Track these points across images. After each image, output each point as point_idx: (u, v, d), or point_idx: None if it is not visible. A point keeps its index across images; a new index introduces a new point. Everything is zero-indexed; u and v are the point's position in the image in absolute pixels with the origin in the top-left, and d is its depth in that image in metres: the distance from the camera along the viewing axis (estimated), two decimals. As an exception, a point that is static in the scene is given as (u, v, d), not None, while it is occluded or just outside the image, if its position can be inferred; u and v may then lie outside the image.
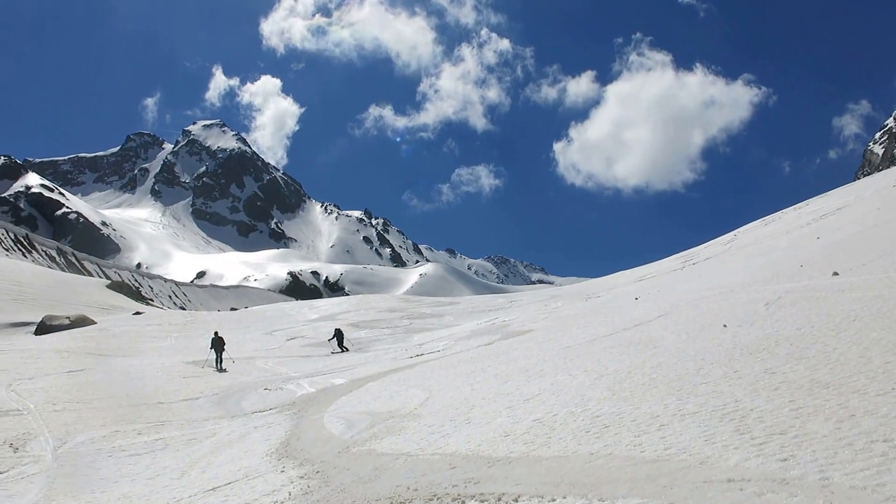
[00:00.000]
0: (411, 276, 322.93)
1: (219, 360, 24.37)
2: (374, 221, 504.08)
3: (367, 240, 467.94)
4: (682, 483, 5.07)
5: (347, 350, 28.55)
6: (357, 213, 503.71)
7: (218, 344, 24.80)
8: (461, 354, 18.82)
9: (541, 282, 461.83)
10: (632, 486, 5.28)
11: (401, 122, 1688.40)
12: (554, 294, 44.70)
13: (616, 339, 13.38)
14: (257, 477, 9.31)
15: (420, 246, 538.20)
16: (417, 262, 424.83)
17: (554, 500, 5.47)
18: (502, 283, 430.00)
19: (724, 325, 11.50)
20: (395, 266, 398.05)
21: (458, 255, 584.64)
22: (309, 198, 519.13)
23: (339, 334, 29.48)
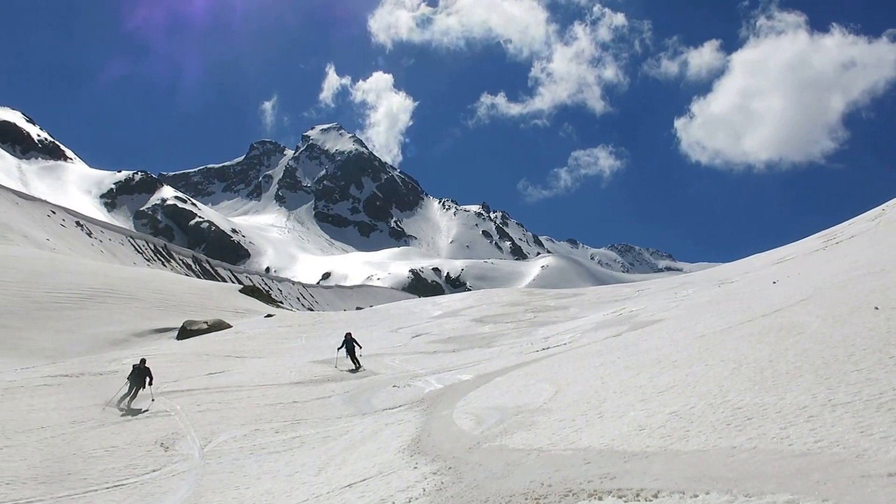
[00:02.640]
0: (533, 268, 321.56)
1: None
2: (492, 215, 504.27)
3: (486, 234, 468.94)
4: (836, 478, 4.76)
5: (360, 367, 23.18)
6: (475, 208, 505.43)
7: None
8: (589, 347, 18.51)
9: (669, 269, 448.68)
10: (780, 482, 5.00)
11: (514, 110, 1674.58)
12: (684, 281, 43.33)
13: (754, 326, 12.77)
14: (391, 473, 9.44)
15: (540, 238, 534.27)
16: (538, 254, 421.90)
17: (696, 496, 5.26)
18: (627, 272, 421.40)
19: (876, 308, 10.72)
20: (516, 259, 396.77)
21: (580, 244, 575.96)
22: (426, 195, 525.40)
23: (349, 343, 23.85)
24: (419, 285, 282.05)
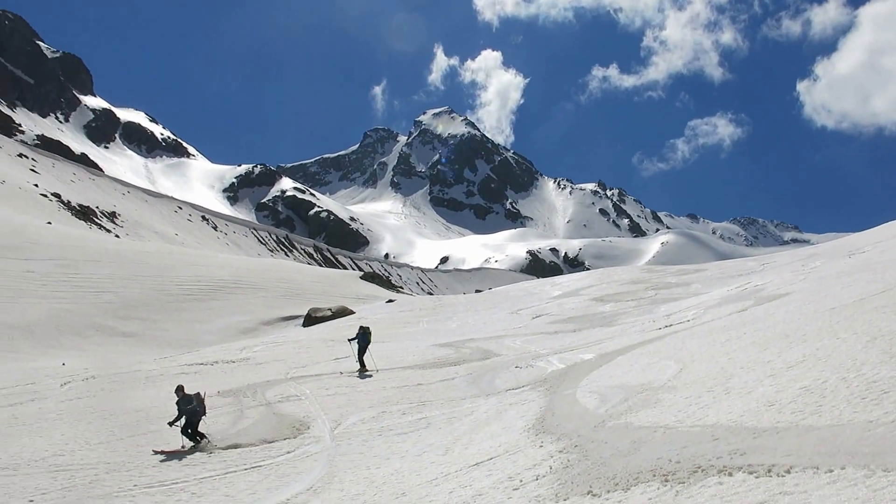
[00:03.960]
0: (652, 245, 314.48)
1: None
2: (608, 193, 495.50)
3: (603, 212, 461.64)
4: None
5: (365, 370, 20.20)
6: (591, 186, 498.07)
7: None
8: (713, 323, 18.06)
9: (795, 241, 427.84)
10: (923, 456, 4.83)
11: (627, 82, 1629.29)
12: (812, 253, 41.32)
13: (889, 298, 12.13)
14: (517, 452, 9.59)
15: (659, 214, 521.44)
16: (657, 230, 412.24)
17: (831, 471, 5.13)
18: (751, 246, 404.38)
19: None
20: (635, 237, 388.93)
21: (701, 219, 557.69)
22: (541, 174, 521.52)
23: (363, 337, 20.92)
24: (537, 266, 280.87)
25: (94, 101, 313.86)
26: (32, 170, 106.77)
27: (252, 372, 22.18)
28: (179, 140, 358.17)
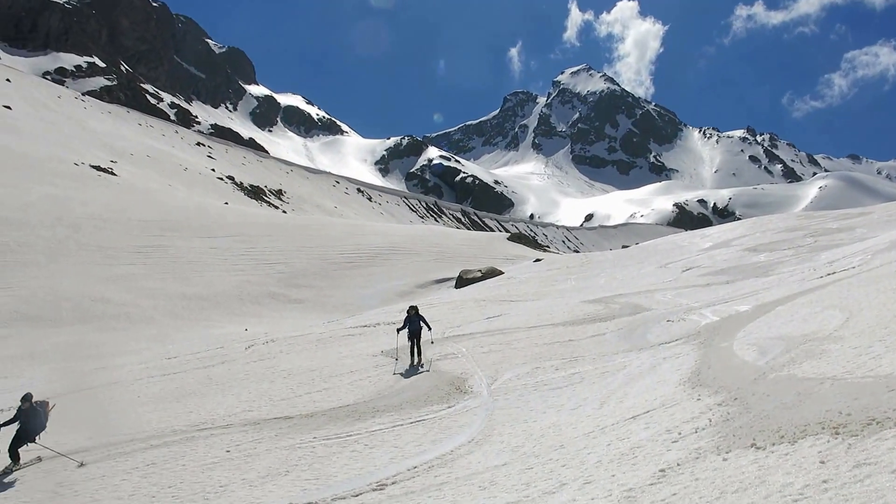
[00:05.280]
0: (809, 190, 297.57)
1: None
2: (759, 138, 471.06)
3: (753, 159, 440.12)
4: None
5: (421, 364, 16.53)
6: (739, 133, 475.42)
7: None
8: (882, 269, 16.92)
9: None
10: None
11: (775, 18, 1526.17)
12: None
13: None
14: (674, 405, 9.51)
15: (815, 156, 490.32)
16: (814, 174, 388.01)
17: None
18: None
19: None
20: (789, 182, 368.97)
21: (864, 159, 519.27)
22: (685, 125, 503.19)
23: (414, 322, 16.85)
24: (684, 219, 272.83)
25: (258, 90, 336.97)
26: (209, 156, 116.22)
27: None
28: (333, 119, 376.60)
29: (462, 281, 42.34)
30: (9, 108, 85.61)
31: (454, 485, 8.23)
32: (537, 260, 52.57)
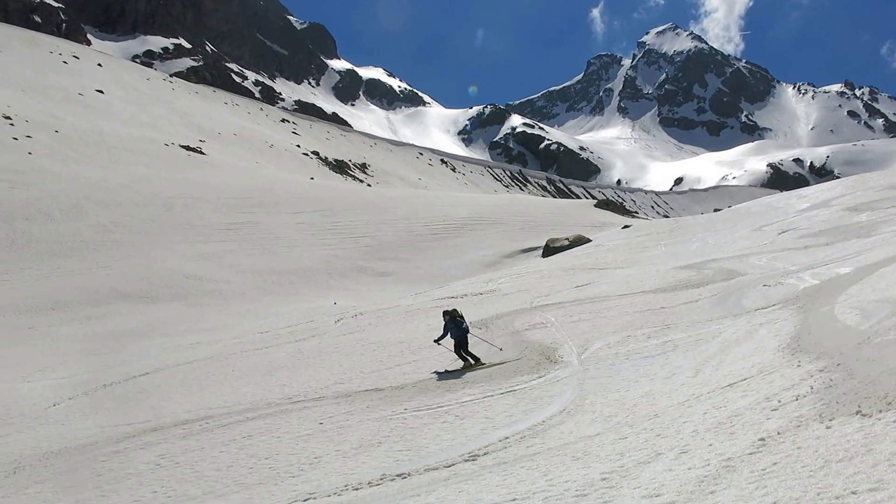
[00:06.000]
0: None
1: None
2: (858, 92, 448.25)
3: (852, 114, 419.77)
4: None
5: (470, 362, 14.21)
6: (836, 87, 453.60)
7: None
8: None
9: None
10: None
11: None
12: None
13: None
14: (773, 372, 9.25)
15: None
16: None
17: None
18: None
19: None
20: (892, 137, 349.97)
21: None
22: (778, 82, 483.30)
23: (456, 327, 14.41)
24: (779, 179, 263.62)
25: (339, 64, 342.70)
26: (294, 132, 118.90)
27: (499, 302, 23.03)
28: (415, 90, 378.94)
29: (549, 250, 42.06)
30: (101, 91, 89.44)
31: (547, 455, 8.23)
32: (626, 226, 51.69)
